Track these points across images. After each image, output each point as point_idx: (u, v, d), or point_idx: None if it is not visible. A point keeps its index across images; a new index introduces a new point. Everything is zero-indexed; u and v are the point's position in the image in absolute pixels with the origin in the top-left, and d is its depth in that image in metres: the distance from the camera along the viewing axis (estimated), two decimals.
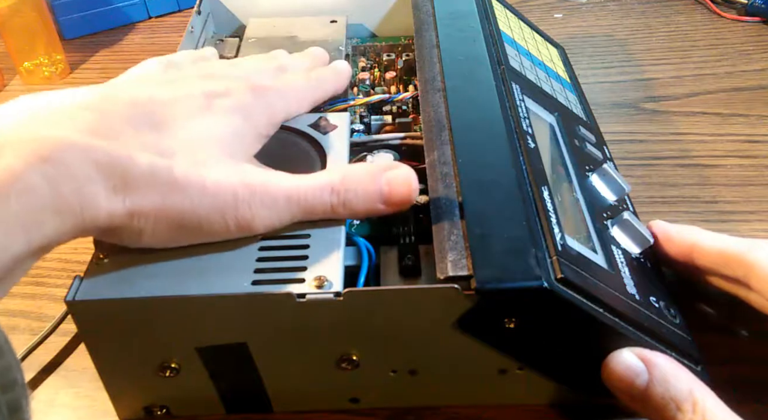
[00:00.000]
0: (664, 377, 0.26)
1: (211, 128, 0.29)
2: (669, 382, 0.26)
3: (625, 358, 0.27)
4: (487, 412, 0.32)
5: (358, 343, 0.28)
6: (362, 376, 0.30)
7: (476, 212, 0.28)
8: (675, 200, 0.43)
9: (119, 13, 0.67)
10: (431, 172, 0.31)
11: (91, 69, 0.61)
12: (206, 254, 0.28)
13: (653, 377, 0.26)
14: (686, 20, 0.65)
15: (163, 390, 0.30)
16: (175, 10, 0.70)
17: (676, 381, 0.26)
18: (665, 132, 0.50)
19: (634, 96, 0.54)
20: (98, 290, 0.26)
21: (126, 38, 0.66)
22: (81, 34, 0.66)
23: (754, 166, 0.46)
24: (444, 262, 0.26)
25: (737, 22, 0.64)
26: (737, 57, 0.58)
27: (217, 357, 0.29)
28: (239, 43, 0.48)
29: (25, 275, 0.39)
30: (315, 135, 0.34)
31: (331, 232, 0.29)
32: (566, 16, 0.66)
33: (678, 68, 0.57)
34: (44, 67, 0.59)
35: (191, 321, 0.27)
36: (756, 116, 0.51)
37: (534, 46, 0.48)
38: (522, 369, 0.29)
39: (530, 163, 0.31)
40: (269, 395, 0.31)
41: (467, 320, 0.27)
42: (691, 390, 0.26)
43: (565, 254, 0.27)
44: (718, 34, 0.62)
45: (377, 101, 0.41)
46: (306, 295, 0.26)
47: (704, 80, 0.56)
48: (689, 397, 0.26)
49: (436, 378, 0.30)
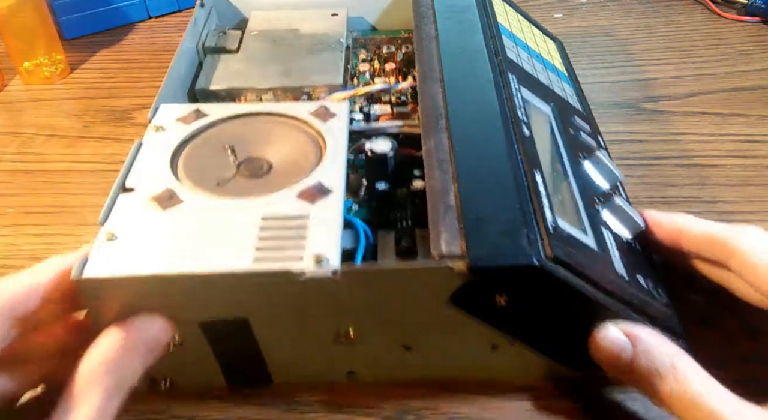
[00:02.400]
0: (647, 349, 0.28)
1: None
2: (652, 354, 0.28)
3: (610, 333, 0.28)
4: (487, 412, 0.32)
5: (354, 319, 0.30)
6: (359, 350, 0.31)
7: (471, 196, 0.29)
8: (675, 200, 0.44)
9: (119, 13, 0.67)
10: (428, 158, 0.33)
11: (91, 69, 0.62)
12: (209, 232, 0.30)
13: (637, 350, 0.28)
14: (686, 20, 0.65)
15: (167, 363, 0.31)
16: (175, 10, 0.70)
17: (659, 353, 0.28)
18: (665, 132, 0.50)
19: (634, 96, 0.54)
20: (104, 268, 0.28)
21: (126, 38, 0.66)
22: (81, 34, 0.67)
23: (754, 166, 0.46)
24: (438, 242, 0.28)
25: (737, 22, 0.64)
26: (737, 57, 0.59)
27: (219, 332, 0.30)
28: (242, 35, 0.50)
29: None
30: (315, 122, 0.36)
31: (330, 213, 0.30)
32: (566, 15, 0.66)
33: (678, 68, 0.58)
34: (44, 67, 0.59)
35: (194, 297, 0.29)
36: (756, 116, 0.51)
37: (532, 39, 0.50)
38: (514, 344, 0.31)
39: (525, 150, 0.33)
40: (269, 368, 0.33)
41: (460, 297, 0.28)
42: (673, 361, 0.27)
43: (556, 235, 0.29)
44: (718, 34, 0.62)
45: (377, 91, 0.43)
46: (305, 272, 0.28)
47: (704, 80, 0.56)
48: (671, 368, 0.27)
49: (430, 353, 0.32)
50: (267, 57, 0.47)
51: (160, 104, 0.38)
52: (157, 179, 0.33)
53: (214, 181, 0.33)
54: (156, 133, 0.36)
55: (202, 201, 0.32)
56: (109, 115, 0.55)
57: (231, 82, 0.45)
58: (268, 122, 0.37)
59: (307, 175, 0.33)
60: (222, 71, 0.46)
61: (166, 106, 0.38)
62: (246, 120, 0.38)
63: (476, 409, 0.32)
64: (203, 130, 0.37)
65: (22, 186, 0.48)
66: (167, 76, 0.42)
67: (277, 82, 0.44)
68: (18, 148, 0.52)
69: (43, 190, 0.47)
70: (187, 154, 0.35)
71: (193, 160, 0.35)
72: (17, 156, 0.51)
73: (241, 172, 0.34)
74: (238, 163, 0.34)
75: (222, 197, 0.32)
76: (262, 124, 0.37)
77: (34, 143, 0.52)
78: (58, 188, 0.48)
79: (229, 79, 0.45)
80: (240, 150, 0.35)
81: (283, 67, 0.46)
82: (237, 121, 0.38)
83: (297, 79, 0.44)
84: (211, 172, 0.34)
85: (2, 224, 0.44)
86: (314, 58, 0.47)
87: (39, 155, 0.51)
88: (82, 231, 0.43)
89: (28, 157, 0.51)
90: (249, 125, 0.37)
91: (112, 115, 0.55)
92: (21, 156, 0.51)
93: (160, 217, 0.31)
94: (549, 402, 0.32)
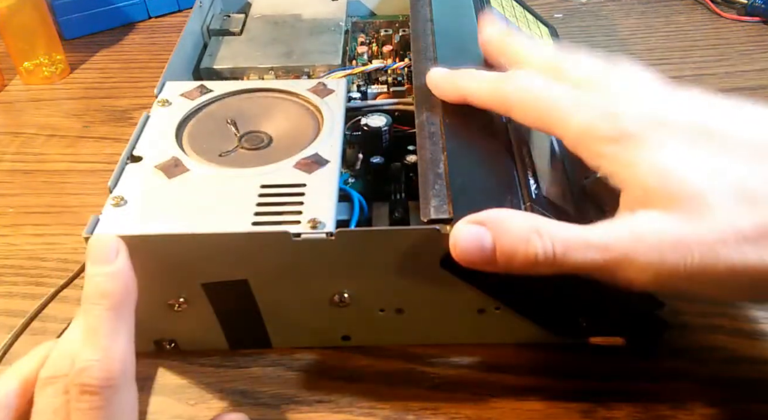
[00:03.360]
0: (502, 226, 0.26)
1: None
2: (509, 228, 0.26)
3: (462, 230, 0.27)
4: (487, 412, 0.32)
5: (349, 282, 0.32)
6: (353, 313, 0.33)
7: (459, 165, 0.31)
8: None
9: (119, 13, 0.68)
10: (420, 131, 0.34)
11: (91, 69, 0.62)
12: (212, 198, 0.32)
13: (495, 232, 0.26)
14: (686, 20, 0.65)
15: (172, 324, 0.34)
16: (175, 10, 0.71)
17: (514, 224, 0.26)
18: None
19: None
20: (112, 228, 0.30)
21: (126, 38, 0.66)
22: (81, 34, 0.67)
23: None
24: (427, 208, 0.30)
25: (737, 22, 0.64)
26: (737, 57, 0.59)
27: (221, 293, 0.32)
28: (245, 19, 0.52)
29: (26, 275, 0.40)
30: (313, 98, 0.38)
31: (326, 181, 0.32)
32: (566, 15, 0.67)
33: (678, 68, 0.58)
34: (44, 67, 0.59)
35: (197, 257, 0.30)
36: None
37: (525, 23, 0.52)
38: (499, 309, 0.33)
39: (513, 124, 0.34)
40: (268, 331, 0.34)
41: (449, 260, 0.30)
42: (530, 224, 0.26)
43: (538, 202, 0.30)
44: (719, 34, 0.63)
45: (373, 70, 0.45)
46: (301, 234, 0.29)
47: (704, 80, 0.56)
48: (532, 231, 0.26)
49: (421, 317, 0.34)
50: (269, 39, 0.49)
51: (165, 81, 0.41)
52: (163, 150, 0.35)
53: (216, 152, 0.35)
54: (162, 108, 0.38)
55: (205, 170, 0.34)
56: (109, 115, 0.55)
57: (234, 61, 0.47)
58: (268, 98, 0.40)
59: (305, 147, 0.35)
60: (226, 51, 0.48)
61: (172, 83, 0.40)
62: (247, 96, 0.40)
63: (476, 410, 0.32)
64: (207, 105, 0.39)
65: (22, 186, 0.48)
66: (173, 54, 0.43)
67: (278, 61, 0.47)
68: (18, 148, 0.52)
69: (42, 190, 0.48)
70: (192, 127, 0.37)
71: (197, 133, 0.37)
72: (17, 156, 0.51)
73: (243, 144, 0.36)
74: (240, 136, 0.36)
75: (224, 167, 0.34)
76: (263, 99, 0.39)
77: (33, 143, 0.53)
78: (57, 188, 0.48)
79: (233, 59, 0.47)
80: (241, 124, 0.37)
81: (284, 49, 0.48)
82: (239, 97, 0.40)
83: (297, 60, 0.47)
84: (213, 144, 0.36)
85: (2, 224, 0.45)
86: (314, 40, 0.49)
87: (39, 155, 0.51)
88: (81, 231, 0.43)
89: (27, 157, 0.51)
90: (250, 101, 0.39)
91: (112, 115, 0.55)
92: (21, 156, 0.51)
93: (165, 184, 0.33)
94: (549, 402, 0.32)
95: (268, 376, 0.34)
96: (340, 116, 0.37)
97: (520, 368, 0.34)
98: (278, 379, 0.34)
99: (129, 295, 0.28)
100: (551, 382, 0.34)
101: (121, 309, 0.28)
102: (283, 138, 0.36)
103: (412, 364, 0.34)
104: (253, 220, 0.30)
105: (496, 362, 0.34)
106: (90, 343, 0.26)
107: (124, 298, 0.28)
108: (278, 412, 0.33)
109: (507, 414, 0.32)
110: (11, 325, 0.36)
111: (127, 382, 0.26)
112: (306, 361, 0.35)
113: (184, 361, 0.35)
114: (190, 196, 0.32)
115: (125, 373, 0.26)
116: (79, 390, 0.25)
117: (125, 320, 0.28)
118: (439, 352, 0.35)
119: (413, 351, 0.35)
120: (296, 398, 0.33)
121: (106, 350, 0.26)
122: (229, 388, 0.34)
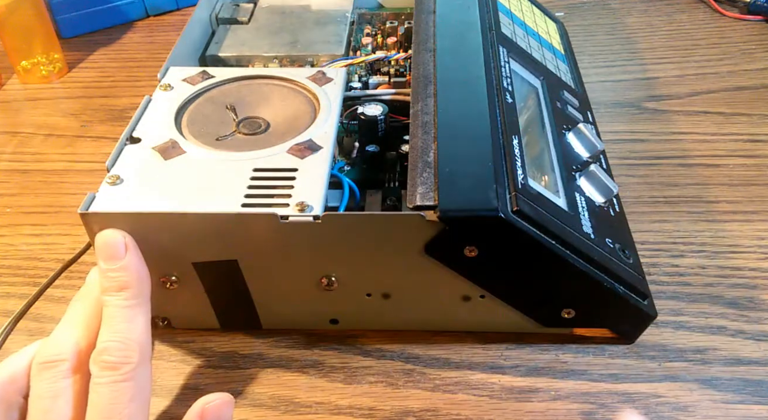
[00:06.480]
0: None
1: None
2: None
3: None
4: (487, 414, 0.33)
5: (336, 265, 0.33)
6: (341, 297, 0.34)
7: (448, 154, 0.33)
8: (677, 200, 0.44)
9: (117, 11, 0.69)
10: (414, 120, 0.36)
11: (89, 68, 0.63)
12: (204, 179, 0.33)
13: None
14: (688, 19, 0.66)
15: (164, 302, 0.35)
16: (174, 8, 0.71)
17: None
18: (667, 131, 0.51)
19: (636, 95, 0.55)
20: (107, 205, 0.31)
21: (124, 37, 0.67)
22: (79, 33, 0.68)
23: (757, 166, 0.47)
24: (414, 195, 0.31)
25: (739, 21, 0.65)
26: (739, 56, 0.59)
27: (211, 273, 0.33)
28: (253, 8, 0.54)
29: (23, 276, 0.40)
30: (312, 86, 0.40)
31: (317, 168, 0.34)
32: (568, 14, 0.67)
33: (680, 67, 0.58)
34: (42, 66, 0.60)
35: (188, 237, 0.32)
36: (758, 115, 0.52)
37: (531, 18, 0.53)
38: (484, 297, 0.34)
39: (505, 116, 0.36)
40: (258, 312, 0.36)
41: (433, 246, 0.31)
42: None
43: (524, 192, 0.31)
44: (721, 33, 0.63)
45: (374, 60, 0.47)
46: (288, 216, 0.31)
47: (706, 79, 0.57)
48: None
49: (407, 302, 0.35)
50: (275, 28, 0.51)
51: (170, 66, 0.42)
52: (161, 132, 0.36)
53: (214, 136, 0.37)
54: (164, 92, 0.40)
55: (200, 153, 0.35)
56: (106, 114, 0.56)
57: (240, 49, 0.49)
58: (267, 85, 0.41)
59: (300, 133, 0.36)
60: (232, 39, 0.50)
61: (176, 69, 0.42)
62: (247, 82, 0.41)
63: (476, 411, 0.32)
64: (207, 90, 0.40)
65: (20, 185, 0.49)
66: (179, 40, 0.45)
67: (283, 50, 0.48)
68: (15, 148, 0.53)
69: (40, 190, 0.48)
70: (191, 111, 0.39)
71: (196, 117, 0.38)
72: (14, 155, 0.52)
73: (240, 129, 0.37)
74: (238, 122, 0.38)
75: (219, 150, 0.35)
76: (262, 86, 0.41)
77: (31, 143, 0.53)
78: (55, 188, 0.48)
79: (238, 47, 0.49)
80: (240, 109, 0.39)
81: (289, 38, 0.50)
82: (239, 83, 0.41)
83: (302, 49, 0.49)
84: (212, 128, 0.37)
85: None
86: (319, 31, 0.50)
87: (36, 155, 0.52)
88: (79, 231, 0.44)
89: (25, 156, 0.52)
90: (250, 87, 0.41)
91: (110, 114, 0.56)
92: (18, 155, 0.52)
93: (162, 165, 0.34)
94: (549, 403, 0.33)
95: (267, 377, 0.35)
96: (337, 104, 0.38)
97: (520, 368, 0.35)
98: (277, 379, 0.35)
99: (142, 283, 0.31)
100: (551, 382, 0.34)
101: (138, 297, 0.30)
102: (279, 124, 0.38)
103: (412, 364, 0.35)
104: (244, 201, 0.31)
105: (496, 363, 0.35)
106: (109, 329, 0.29)
107: (138, 286, 0.31)
108: (277, 412, 0.33)
109: (507, 414, 0.33)
110: None
111: (144, 360, 0.29)
112: (305, 361, 0.35)
113: (183, 362, 0.36)
114: (184, 178, 0.33)
115: (142, 353, 0.29)
116: (100, 367, 0.28)
117: (141, 306, 0.30)
118: (439, 353, 0.36)
119: (413, 352, 0.36)
120: (295, 399, 0.34)
121: (124, 333, 0.29)
122: (228, 388, 0.34)
